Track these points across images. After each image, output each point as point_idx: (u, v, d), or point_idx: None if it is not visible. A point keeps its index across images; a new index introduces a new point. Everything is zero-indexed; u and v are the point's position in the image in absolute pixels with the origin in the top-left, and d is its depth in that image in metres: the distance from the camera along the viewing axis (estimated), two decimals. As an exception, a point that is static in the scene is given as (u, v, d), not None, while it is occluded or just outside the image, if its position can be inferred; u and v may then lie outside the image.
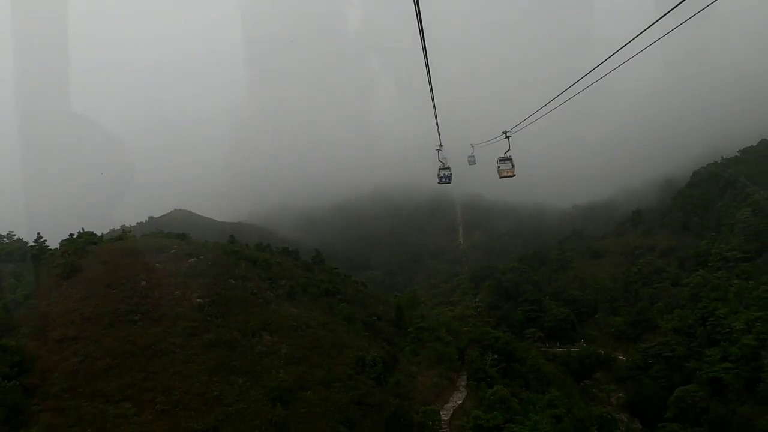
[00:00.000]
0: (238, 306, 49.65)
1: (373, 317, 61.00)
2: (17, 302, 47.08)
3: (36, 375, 38.97)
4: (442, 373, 53.33)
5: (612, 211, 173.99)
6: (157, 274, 51.39)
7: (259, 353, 44.01)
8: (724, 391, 73.24)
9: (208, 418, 36.28)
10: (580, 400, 67.08)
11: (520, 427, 41.94)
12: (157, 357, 41.25)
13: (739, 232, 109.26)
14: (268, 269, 61.33)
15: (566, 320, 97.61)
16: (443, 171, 32.88)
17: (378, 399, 41.49)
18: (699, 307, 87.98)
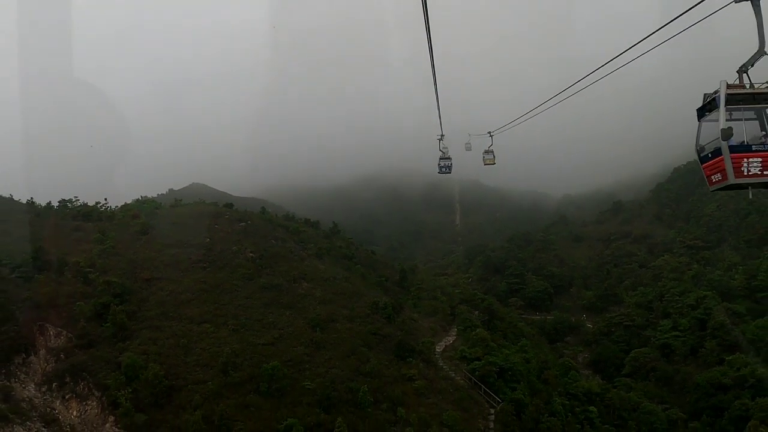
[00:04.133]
0: (280, 260, 63.10)
1: (382, 278, 74.29)
2: (108, 252, 60.09)
3: (134, 303, 51.68)
4: (436, 322, 66.93)
5: (599, 201, 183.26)
6: (217, 233, 65.04)
7: (300, 295, 57.34)
8: (672, 355, 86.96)
9: (266, 337, 49.50)
10: (550, 353, 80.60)
11: (495, 357, 55.46)
12: (224, 293, 54.63)
13: (703, 224, 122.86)
14: (297, 235, 74.90)
15: (544, 292, 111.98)
16: (444, 161, 36.14)
17: (388, 332, 54.50)
18: (659, 286, 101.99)
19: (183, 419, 40.40)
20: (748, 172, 10.00)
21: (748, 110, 10.09)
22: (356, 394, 44.47)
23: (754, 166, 9.93)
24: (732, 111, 9.98)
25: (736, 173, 10.00)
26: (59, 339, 46.94)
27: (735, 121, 10.06)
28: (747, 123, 10.31)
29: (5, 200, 71.51)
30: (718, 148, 10.14)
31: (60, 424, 41.70)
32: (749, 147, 9.98)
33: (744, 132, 10.27)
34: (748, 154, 9.95)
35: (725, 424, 67.99)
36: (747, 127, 10.38)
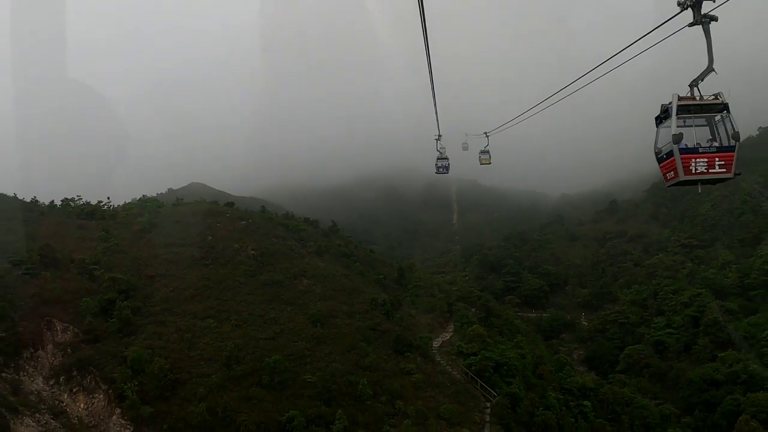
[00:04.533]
0: (281, 257, 64.37)
1: (380, 275, 75.59)
2: (112, 249, 61.33)
3: (138, 299, 52.86)
4: (434, 318, 68.33)
5: (596, 200, 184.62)
6: (219, 231, 66.38)
7: (300, 291, 58.60)
8: (665, 351, 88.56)
9: (268, 331, 50.71)
10: (545, 349, 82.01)
11: (491, 353, 56.81)
12: (227, 290, 55.86)
13: (697, 223, 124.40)
14: (297, 233, 76.19)
15: (540, 290, 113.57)
16: (441, 161, 36.89)
17: (387, 327, 55.73)
18: (653, 284, 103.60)
19: (188, 411, 41.54)
20: (695, 171, 11.52)
21: (699, 118, 11.47)
22: (356, 387, 45.75)
23: (701, 165, 11.47)
24: (685, 119, 11.42)
25: (686, 171, 11.51)
26: (66, 334, 47.97)
27: (688, 127, 11.48)
28: (699, 129, 11.72)
29: (9, 199, 72.62)
30: (671, 150, 11.53)
31: (68, 416, 42.73)
32: (696, 149, 11.42)
33: (694, 137, 11.71)
34: (695, 155, 11.46)
35: (717, 419, 69.40)
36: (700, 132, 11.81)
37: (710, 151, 11.72)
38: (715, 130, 11.83)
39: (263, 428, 41.40)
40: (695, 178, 12.10)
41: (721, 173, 12.10)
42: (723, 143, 11.95)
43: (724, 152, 11.93)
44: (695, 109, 11.88)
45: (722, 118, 12.04)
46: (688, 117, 11.87)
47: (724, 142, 11.96)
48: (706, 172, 11.95)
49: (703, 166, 11.89)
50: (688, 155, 11.82)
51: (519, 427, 49.61)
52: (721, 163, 11.98)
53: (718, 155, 11.86)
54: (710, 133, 11.86)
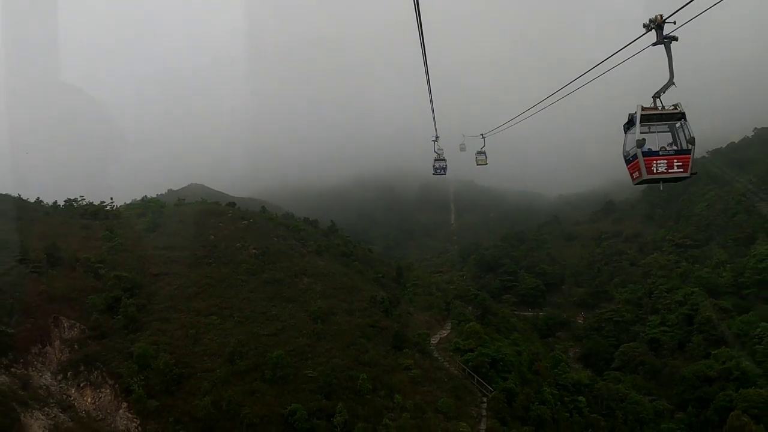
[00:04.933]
0: (281, 256, 65.65)
1: (379, 274, 76.90)
2: (117, 248, 62.56)
3: (143, 297, 54.02)
4: (432, 316, 69.72)
5: (593, 201, 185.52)
6: (221, 231, 67.74)
7: (301, 289, 59.89)
8: (660, 349, 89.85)
9: (270, 328, 52.03)
10: (541, 347, 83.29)
11: (487, 349, 58.15)
12: (229, 288, 57.14)
13: (692, 223, 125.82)
14: (297, 233, 77.50)
15: (537, 289, 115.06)
16: (438, 162, 36.73)
17: (386, 324, 57.05)
18: (648, 283, 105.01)
19: (193, 405, 42.78)
20: (657, 171, 13.09)
21: (661, 125, 12.97)
22: (355, 381, 47.08)
23: (661, 166, 13.03)
24: (649, 126, 12.93)
25: (648, 171, 13.09)
26: (73, 330, 49.12)
27: (652, 133, 13.01)
28: (661, 135, 13.23)
29: (14, 199, 73.74)
30: (636, 153, 13.06)
31: (76, 410, 43.90)
32: (657, 152, 12.94)
33: (657, 141, 13.21)
34: (656, 158, 13.02)
35: (710, 415, 70.77)
36: (663, 138, 13.31)
37: (669, 153, 13.25)
38: (675, 135, 13.29)
39: (266, 421, 42.68)
40: (656, 177, 13.64)
41: (679, 173, 13.66)
42: (681, 147, 13.46)
43: (682, 155, 13.44)
44: (657, 118, 13.36)
45: (681, 125, 13.52)
46: (651, 124, 13.37)
47: (682, 146, 13.47)
48: (666, 171, 13.50)
49: (663, 166, 13.43)
50: (650, 158, 13.36)
51: (515, 422, 50.84)
52: (679, 164, 13.54)
53: (677, 157, 13.38)
54: (671, 138, 13.24)
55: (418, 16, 12.95)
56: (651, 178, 13.63)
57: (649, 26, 11.79)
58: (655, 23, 11.64)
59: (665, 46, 11.98)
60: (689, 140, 13.43)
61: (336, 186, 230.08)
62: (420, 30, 14.01)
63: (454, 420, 47.23)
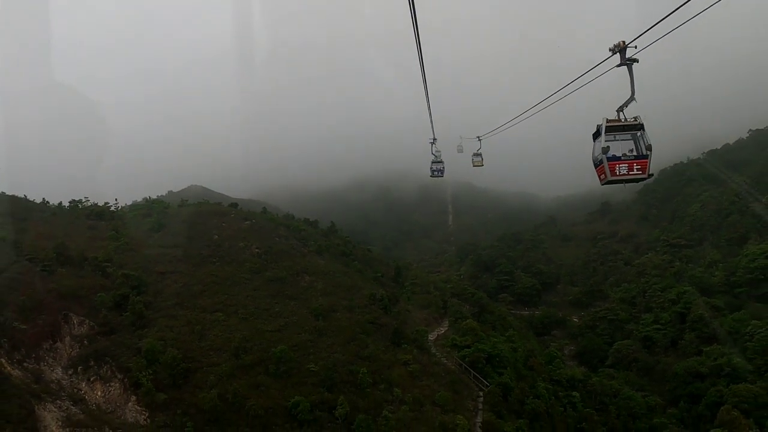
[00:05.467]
0: (283, 255, 67.36)
1: (378, 274, 78.65)
2: (123, 248, 64.22)
3: (150, 295, 55.67)
4: (429, 314, 71.47)
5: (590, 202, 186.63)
6: (224, 230, 69.48)
7: (303, 287, 61.61)
8: (653, 347, 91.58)
9: (273, 324, 53.72)
10: (537, 344, 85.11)
11: (483, 345, 59.92)
12: (233, 285, 58.82)
13: (686, 224, 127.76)
14: (298, 233, 79.28)
15: (533, 288, 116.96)
16: (436, 164, 36.98)
17: (385, 321, 58.74)
18: (642, 282, 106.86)
19: (200, 397, 44.33)
20: (619, 173, 15.08)
21: (625, 134, 14.93)
22: (356, 375, 48.74)
23: (623, 169, 15.03)
24: (614, 135, 14.89)
25: (612, 174, 15.08)
26: (82, 327, 50.67)
27: (617, 141, 14.97)
28: (625, 143, 15.18)
29: (21, 200, 75.44)
30: (602, 158, 15.01)
31: (86, 403, 45.41)
32: (620, 158, 14.92)
33: (620, 148, 15.17)
34: (619, 162, 15.03)
35: (701, 410, 72.72)
36: (626, 145, 15.25)
37: (630, 158, 15.16)
38: (636, 143, 15.26)
39: (271, 413, 44.28)
40: (620, 178, 15.49)
41: (638, 175, 15.48)
42: (640, 153, 15.37)
43: (641, 159, 15.35)
44: (620, 129, 15.31)
45: (641, 135, 15.43)
46: (615, 134, 15.35)
47: (641, 151, 15.37)
48: (627, 174, 15.40)
49: (625, 169, 15.35)
50: (614, 162, 15.30)
51: (510, 415, 52.61)
52: (639, 167, 15.40)
53: (636, 162, 15.30)
54: (633, 145, 15.18)
55: (414, 21, 13.42)
56: (615, 179, 15.46)
57: (614, 50, 13.59)
58: (618, 48, 13.47)
59: (627, 67, 13.77)
60: (647, 147, 15.32)
61: (335, 187, 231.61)
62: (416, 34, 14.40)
63: (452, 413, 48.77)
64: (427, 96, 24.03)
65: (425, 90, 22.66)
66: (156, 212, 74.51)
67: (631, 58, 13.60)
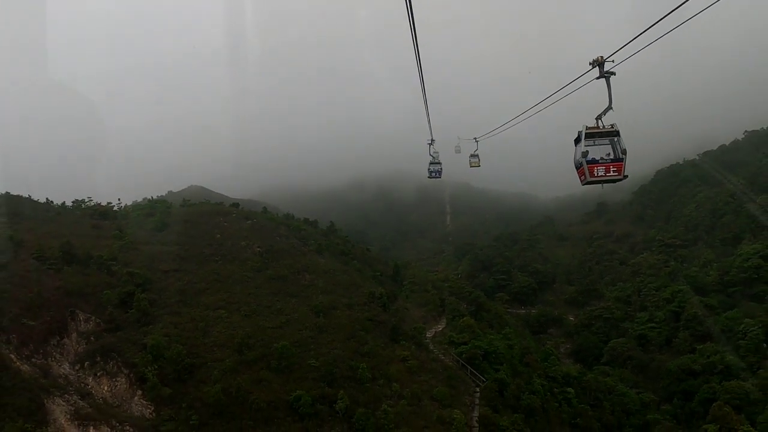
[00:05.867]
0: (284, 254, 68.72)
1: (377, 272, 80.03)
2: (127, 246, 65.47)
3: (154, 292, 56.89)
4: (427, 312, 72.85)
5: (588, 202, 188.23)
6: (226, 230, 70.89)
7: (303, 285, 62.98)
8: (648, 345, 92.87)
9: (275, 321, 55.04)
10: (533, 342, 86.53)
11: (480, 342, 61.30)
12: (236, 283, 60.12)
13: (681, 224, 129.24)
14: (298, 232, 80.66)
15: (529, 287, 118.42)
16: (434, 166, 37.34)
17: (384, 318, 60.04)
18: (637, 282, 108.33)
19: (204, 392, 45.63)
20: (597, 175, 16.52)
21: (603, 140, 16.33)
22: (356, 371, 50.08)
23: (600, 171, 16.45)
24: (594, 140, 16.28)
25: (591, 175, 16.50)
26: (89, 323, 51.87)
27: (596, 146, 16.37)
28: (603, 147, 16.58)
29: (25, 200, 76.63)
30: (582, 161, 16.40)
31: (94, 397, 46.63)
32: (598, 161, 16.33)
33: (599, 152, 16.58)
34: (597, 165, 16.46)
35: (695, 407, 74.06)
36: (604, 149, 16.64)
37: (607, 161, 16.54)
38: (613, 147, 16.67)
39: (273, 407, 45.59)
40: (597, 179, 16.85)
41: (614, 176, 16.81)
42: (617, 156, 16.74)
43: (617, 162, 16.71)
44: (598, 135, 16.67)
45: (617, 140, 16.77)
46: (594, 139, 16.71)
47: (617, 155, 16.74)
48: (605, 175, 16.78)
49: (602, 171, 16.72)
50: (592, 165, 16.69)
51: (506, 410, 53.93)
52: (615, 169, 16.73)
53: (612, 164, 16.68)
54: (610, 149, 16.60)
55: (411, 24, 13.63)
56: (594, 180, 16.82)
57: (594, 64, 14.96)
58: (596, 62, 14.84)
59: (605, 80, 15.12)
60: (622, 151, 16.70)
61: (334, 187, 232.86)
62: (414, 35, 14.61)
63: (449, 407, 50.09)
64: (425, 97, 24.46)
65: (423, 91, 23.15)
66: (159, 212, 75.99)
67: (609, 71, 14.92)
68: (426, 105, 26.08)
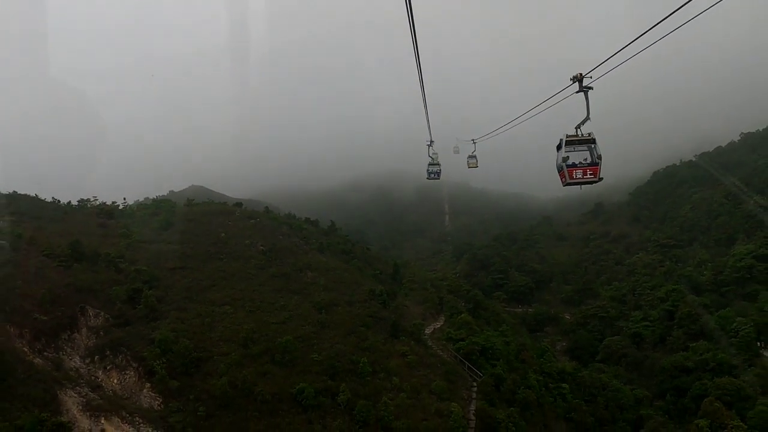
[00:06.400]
0: (287, 252, 70.59)
1: (377, 271, 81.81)
2: (134, 245, 67.25)
3: (161, 289, 58.61)
4: (426, 309, 74.55)
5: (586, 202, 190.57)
6: (230, 229, 72.80)
7: (306, 282, 64.72)
8: (642, 343, 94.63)
9: (279, 317, 56.78)
10: (529, 340, 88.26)
11: (477, 338, 63.07)
12: (240, 281, 61.92)
13: (677, 225, 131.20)
14: (300, 231, 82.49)
15: (526, 286, 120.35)
16: (433, 167, 37.47)
17: (383, 315, 61.79)
18: (632, 281, 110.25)
19: (211, 384, 47.19)
20: (576, 177, 18.21)
21: (581, 146, 18.06)
22: (357, 365, 51.67)
23: (578, 174, 18.14)
24: (573, 147, 18.03)
25: (570, 177, 18.25)
26: (98, 319, 53.56)
27: (575, 152, 18.09)
28: (582, 153, 18.30)
29: (34, 199, 78.53)
30: (563, 165, 18.14)
31: (104, 389, 48.31)
32: (576, 165, 18.04)
33: (578, 157, 18.30)
34: (576, 168, 18.19)
35: (687, 403, 75.56)
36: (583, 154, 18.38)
37: (584, 165, 18.27)
38: (590, 153, 18.37)
39: (277, 398, 47.20)
40: (576, 181, 18.54)
41: (591, 179, 18.50)
42: (593, 161, 18.41)
43: (593, 166, 18.40)
44: (577, 142, 18.36)
45: (594, 147, 18.45)
46: (574, 146, 18.40)
47: (594, 160, 18.42)
48: (582, 178, 18.48)
49: (580, 174, 18.42)
50: (572, 168, 18.39)
51: (502, 404, 55.57)
52: (591, 172, 18.41)
53: (589, 168, 18.38)
54: (588, 154, 18.33)
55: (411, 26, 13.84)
56: (573, 181, 18.54)
57: (574, 79, 16.72)
58: (576, 78, 16.61)
59: (584, 93, 16.86)
60: (598, 157, 18.41)
61: (333, 188, 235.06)
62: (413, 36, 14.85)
63: (447, 401, 51.64)
64: (424, 100, 25.23)
65: (422, 94, 23.93)
66: (164, 211, 77.88)
67: (587, 86, 16.66)
68: (425, 106, 26.70)
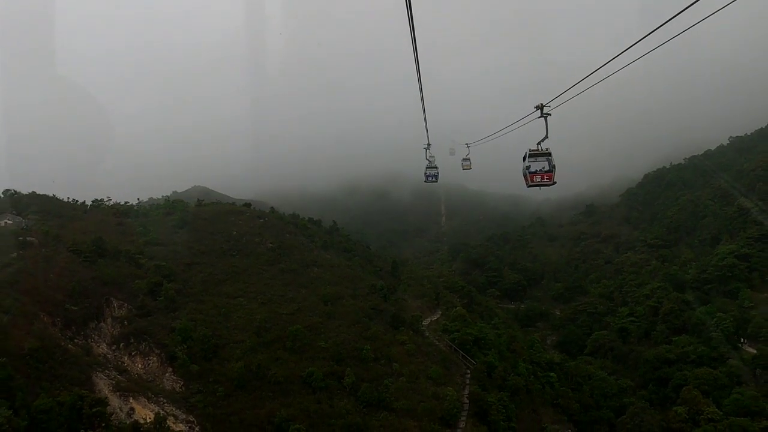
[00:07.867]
0: (294, 250, 75.34)
1: (377, 268, 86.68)
2: (152, 242, 71.95)
3: (179, 283, 63.23)
4: (423, 303, 79.47)
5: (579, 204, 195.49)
6: (241, 227, 77.58)
7: (312, 277, 69.59)
8: (628, 337, 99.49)
9: (288, 308, 61.58)
10: (520, 333, 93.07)
11: (471, 329, 68.01)
12: (252, 275, 66.69)
13: (664, 225, 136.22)
14: (305, 230, 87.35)
15: (519, 284, 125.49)
16: (430, 170, 38.11)
17: (384, 308, 66.51)
18: (619, 279, 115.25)
19: (228, 368, 51.96)
20: (536, 181, 22.89)
21: (541, 158, 22.81)
22: (360, 352, 56.42)
23: (537, 178, 22.82)
24: (535, 158, 22.72)
25: (532, 181, 22.90)
26: (122, 310, 58.15)
27: (537, 162, 22.78)
28: (541, 162, 23.02)
29: (52, 199, 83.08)
30: (526, 172, 22.92)
31: (130, 373, 53.14)
32: (536, 171, 22.83)
33: (538, 166, 23.01)
34: (536, 174, 22.88)
35: (668, 392, 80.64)
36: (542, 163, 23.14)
37: (542, 172, 22.96)
38: (548, 163, 23.00)
39: (288, 381, 51.91)
40: (537, 184, 23.03)
41: (547, 182, 23.01)
42: (549, 169, 22.95)
43: (548, 173, 22.95)
44: (538, 154, 22.86)
45: (550, 158, 22.91)
46: (536, 157, 22.96)
47: (549, 168, 22.95)
48: (541, 181, 23.01)
49: (539, 179, 22.93)
50: (533, 174, 22.96)
51: (493, 389, 60.44)
52: (547, 178, 22.95)
53: (546, 174, 22.91)
54: (546, 164, 23.02)
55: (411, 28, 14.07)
56: (533, 184, 23.03)
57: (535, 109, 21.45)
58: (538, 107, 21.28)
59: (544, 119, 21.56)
60: (552, 166, 22.91)
61: (333, 188, 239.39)
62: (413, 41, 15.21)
63: (443, 385, 56.35)
64: (423, 102, 26.49)
65: (421, 96, 25.19)
66: (178, 210, 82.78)
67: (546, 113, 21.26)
68: (424, 110, 28.04)
